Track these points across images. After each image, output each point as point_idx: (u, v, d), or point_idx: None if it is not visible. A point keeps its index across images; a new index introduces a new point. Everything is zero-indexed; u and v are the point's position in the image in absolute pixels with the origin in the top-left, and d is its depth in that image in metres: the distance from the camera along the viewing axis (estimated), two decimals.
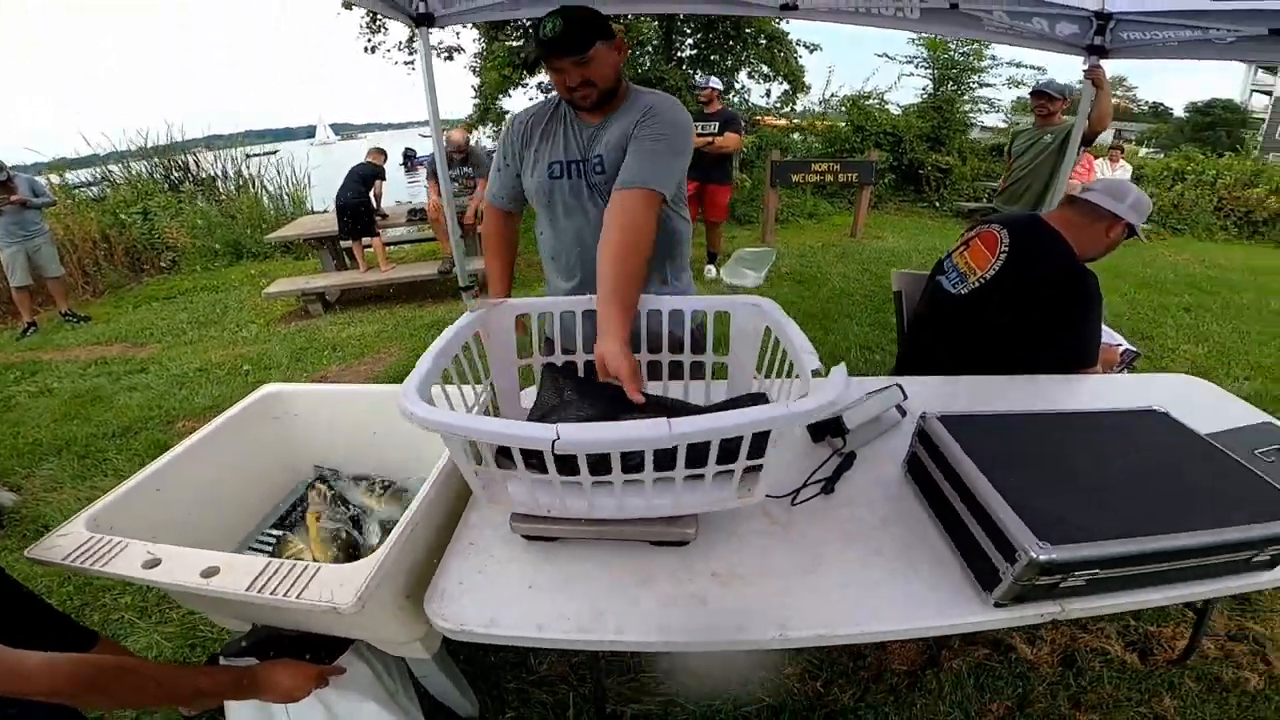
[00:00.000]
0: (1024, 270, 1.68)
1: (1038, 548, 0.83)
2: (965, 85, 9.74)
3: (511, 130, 1.51)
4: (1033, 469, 1.03)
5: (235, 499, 1.44)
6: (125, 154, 8.39)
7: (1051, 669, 1.57)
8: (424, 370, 0.95)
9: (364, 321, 4.59)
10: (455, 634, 0.90)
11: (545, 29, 1.26)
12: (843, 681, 1.55)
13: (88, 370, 3.95)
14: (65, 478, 2.67)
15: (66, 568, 0.97)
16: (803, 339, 1.03)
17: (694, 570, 0.99)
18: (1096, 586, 0.91)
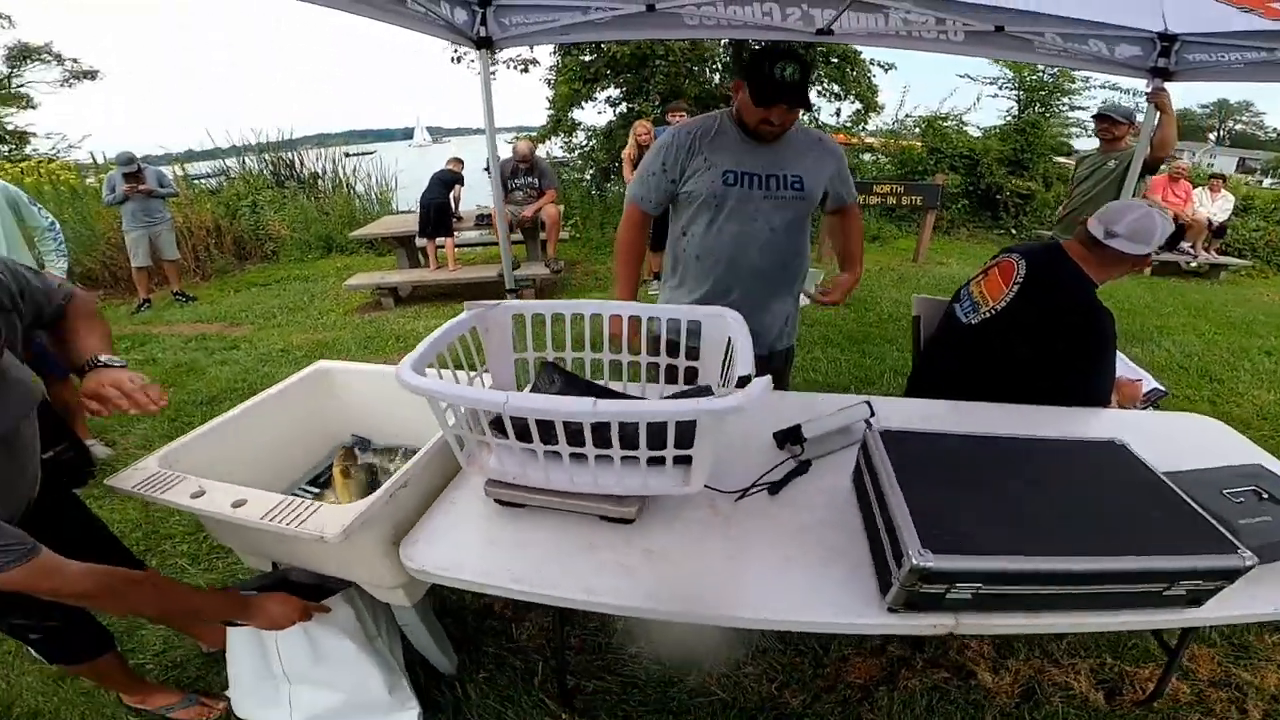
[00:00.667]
0: (1036, 303, 1.68)
1: (919, 554, 0.90)
2: (1054, 108, 9.29)
3: (676, 141, 1.69)
4: (956, 485, 1.09)
5: (281, 457, 1.67)
6: (241, 149, 9.28)
7: (1009, 699, 1.57)
8: (420, 351, 1.14)
9: (428, 316, 4.95)
10: (417, 574, 1.08)
11: (784, 72, 1.46)
12: (796, 687, 1.61)
13: (188, 345, 4.47)
14: (155, 437, 3.04)
15: (133, 494, 1.21)
16: (747, 352, 1.15)
17: (631, 545, 1.13)
18: (985, 603, 0.97)
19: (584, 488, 1.11)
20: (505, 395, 0.95)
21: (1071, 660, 1.68)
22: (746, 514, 1.22)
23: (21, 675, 1.70)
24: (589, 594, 1.02)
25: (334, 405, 1.84)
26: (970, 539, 0.95)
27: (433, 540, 1.14)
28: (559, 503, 1.17)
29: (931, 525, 0.96)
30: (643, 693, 1.59)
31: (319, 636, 1.30)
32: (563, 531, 1.16)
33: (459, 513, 1.22)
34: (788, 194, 1.68)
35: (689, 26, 2.83)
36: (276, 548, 1.38)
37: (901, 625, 0.99)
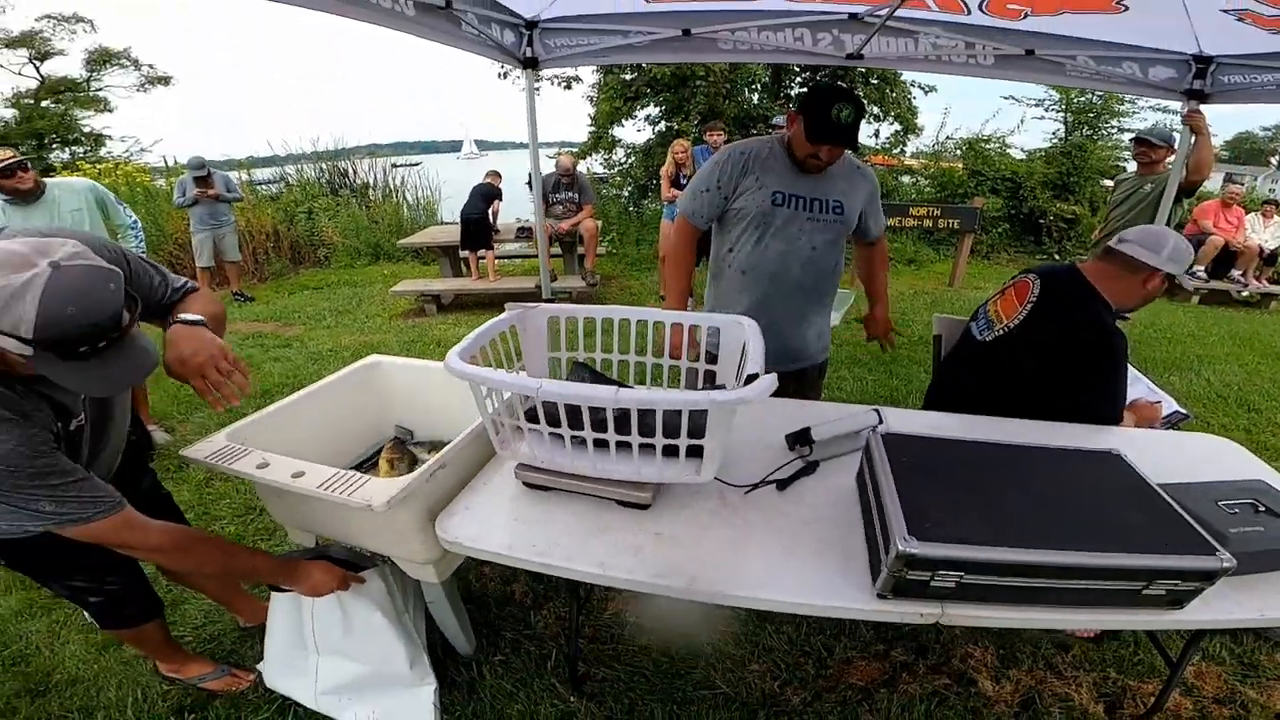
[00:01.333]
0: (1048, 322, 1.71)
1: (904, 540, 0.98)
2: (1102, 130, 9.11)
3: (730, 160, 1.83)
4: (948, 485, 1.16)
5: (331, 442, 1.82)
6: (298, 158, 9.80)
7: (1008, 708, 1.60)
8: (466, 342, 1.27)
9: (468, 324, 5.16)
10: (449, 544, 1.21)
11: (839, 114, 1.59)
12: (797, 685, 1.67)
13: (245, 341, 4.77)
14: (212, 425, 3.18)
15: (205, 464, 1.37)
16: (759, 355, 1.25)
17: (643, 528, 1.23)
18: (970, 593, 1.03)
19: (605, 473, 1.23)
20: (539, 381, 1.07)
21: (1075, 673, 1.70)
22: (753, 507, 1.31)
23: (64, 644, 1.83)
24: (601, 569, 1.12)
25: (381, 397, 2.00)
26: (955, 530, 1.02)
27: (466, 516, 1.27)
28: (581, 487, 1.28)
29: (920, 517, 1.03)
30: (649, 682, 1.67)
31: (352, 608, 1.43)
32: (582, 513, 1.27)
33: (490, 493, 1.35)
34: (829, 217, 1.83)
35: (723, 50, 2.96)
36: (324, 520, 1.52)
37: (890, 612, 1.06)
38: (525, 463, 1.30)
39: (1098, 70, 2.86)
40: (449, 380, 1.93)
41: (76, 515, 1.05)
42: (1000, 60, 2.90)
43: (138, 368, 1.01)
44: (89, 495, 1.06)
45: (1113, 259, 1.68)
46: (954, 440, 1.35)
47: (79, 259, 0.92)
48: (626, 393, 1.05)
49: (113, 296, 0.94)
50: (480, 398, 1.20)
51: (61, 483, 1.02)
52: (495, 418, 1.24)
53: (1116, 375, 1.68)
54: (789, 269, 1.85)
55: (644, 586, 1.11)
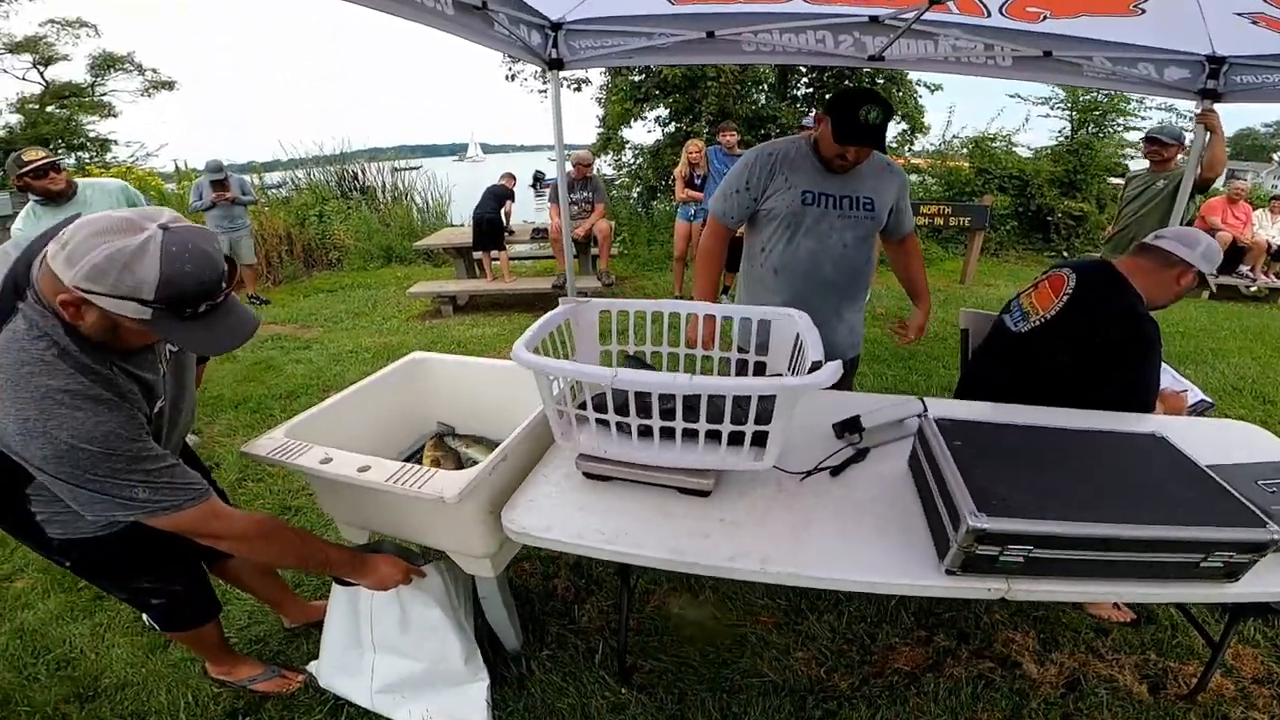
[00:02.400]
0: (1084, 312, 1.74)
1: (974, 516, 1.02)
2: (1108, 128, 9.15)
3: (759, 161, 1.87)
4: (1004, 463, 1.20)
5: (377, 436, 1.84)
6: (306, 161, 9.84)
7: (1053, 689, 1.63)
8: (530, 334, 1.31)
9: (486, 324, 5.21)
10: (518, 535, 1.23)
11: (868, 116, 1.62)
12: (844, 671, 1.70)
13: (264, 344, 4.79)
14: (239, 427, 3.31)
15: (269, 460, 1.39)
16: (817, 345, 1.28)
17: (707, 514, 1.27)
18: (1036, 567, 1.07)
19: (669, 462, 1.26)
20: (614, 370, 1.11)
21: (1116, 655, 1.73)
22: (809, 492, 1.35)
23: (111, 648, 1.81)
24: (674, 554, 1.16)
25: (424, 394, 2.04)
26: (1022, 505, 1.06)
27: (530, 507, 1.30)
28: (643, 475, 1.31)
29: (986, 495, 1.07)
30: (697, 673, 1.70)
31: (410, 605, 1.46)
32: (644, 501, 1.30)
33: (551, 484, 1.38)
34: (860, 213, 1.86)
35: (746, 52, 3.00)
36: (384, 515, 1.55)
37: (958, 587, 1.10)
38: (587, 453, 1.34)
39: (1113, 71, 2.90)
40: (490, 376, 2.02)
41: (169, 502, 1.05)
42: (1018, 61, 2.93)
43: (244, 327, 1.04)
44: (180, 482, 1.07)
45: (1148, 254, 1.73)
46: (1005, 424, 1.39)
47: (181, 221, 0.95)
48: (700, 379, 1.08)
49: (219, 254, 0.97)
50: (545, 388, 1.24)
51: (156, 468, 1.03)
52: (560, 408, 1.27)
53: (1151, 364, 1.71)
54: (821, 267, 1.89)
55: (719, 570, 1.14)
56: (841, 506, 1.30)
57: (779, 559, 1.14)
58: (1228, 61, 2.80)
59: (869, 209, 1.87)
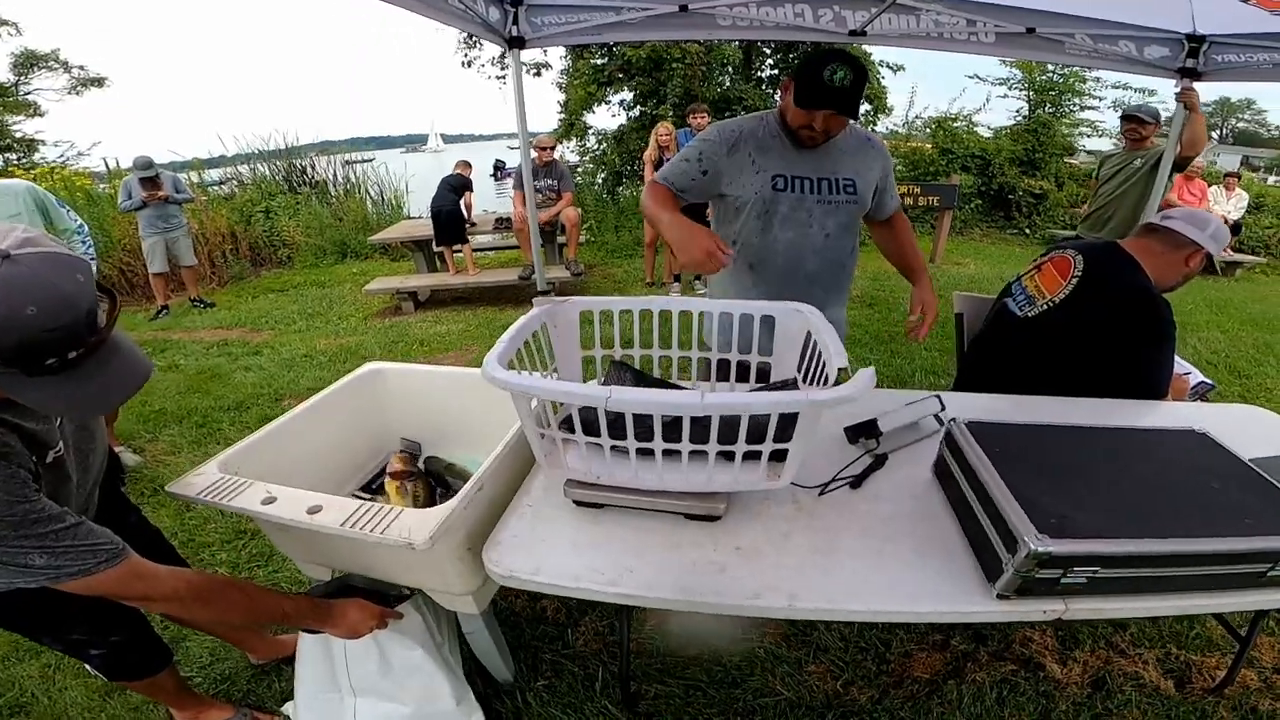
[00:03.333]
0: (1096, 296, 1.66)
1: (1036, 539, 0.89)
2: (1064, 108, 9.29)
3: (718, 137, 1.60)
4: (1048, 472, 1.08)
5: (334, 461, 1.66)
6: (251, 156, 9.30)
7: (1079, 689, 1.57)
8: (502, 347, 1.12)
9: (450, 320, 4.95)
10: (504, 579, 1.04)
11: (833, 76, 1.37)
12: (862, 683, 1.59)
13: (210, 350, 4.47)
14: (184, 443, 3.02)
15: (201, 501, 1.17)
16: (836, 343, 1.14)
17: (719, 543, 1.10)
18: (1099, 586, 0.96)
19: (674, 486, 1.09)
20: (608, 389, 0.93)
21: (1138, 650, 1.67)
22: (829, 508, 1.20)
23: (62, 690, 1.64)
24: (687, 594, 0.99)
25: (384, 409, 1.83)
26: (1082, 523, 0.94)
27: (514, 544, 1.11)
28: (642, 501, 1.15)
29: (1041, 511, 0.95)
30: (706, 695, 1.57)
31: (389, 645, 1.28)
32: (645, 531, 1.13)
33: (536, 515, 1.19)
34: (840, 197, 1.62)
35: (721, 27, 2.83)
36: (345, 555, 1.36)
37: (1012, 611, 0.97)
38: (576, 478, 1.17)
39: (1095, 48, 2.86)
40: (459, 386, 1.82)
41: (76, 567, 0.87)
42: (1001, 38, 2.86)
43: (126, 380, 0.84)
44: (86, 544, 0.88)
45: (1156, 235, 1.67)
46: (1039, 426, 1.27)
47: (32, 245, 0.74)
48: (714, 397, 0.92)
49: (82, 290, 0.77)
50: (525, 411, 1.06)
51: (50, 531, 0.85)
52: (544, 432, 1.10)
53: (1166, 347, 1.64)
54: (802, 261, 1.64)
55: (741, 610, 0.99)
56: (869, 523, 1.16)
57: (809, 592, 0.99)
58: (1208, 40, 2.79)
59: (850, 192, 1.62)
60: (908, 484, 1.28)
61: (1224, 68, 2.85)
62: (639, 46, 7.50)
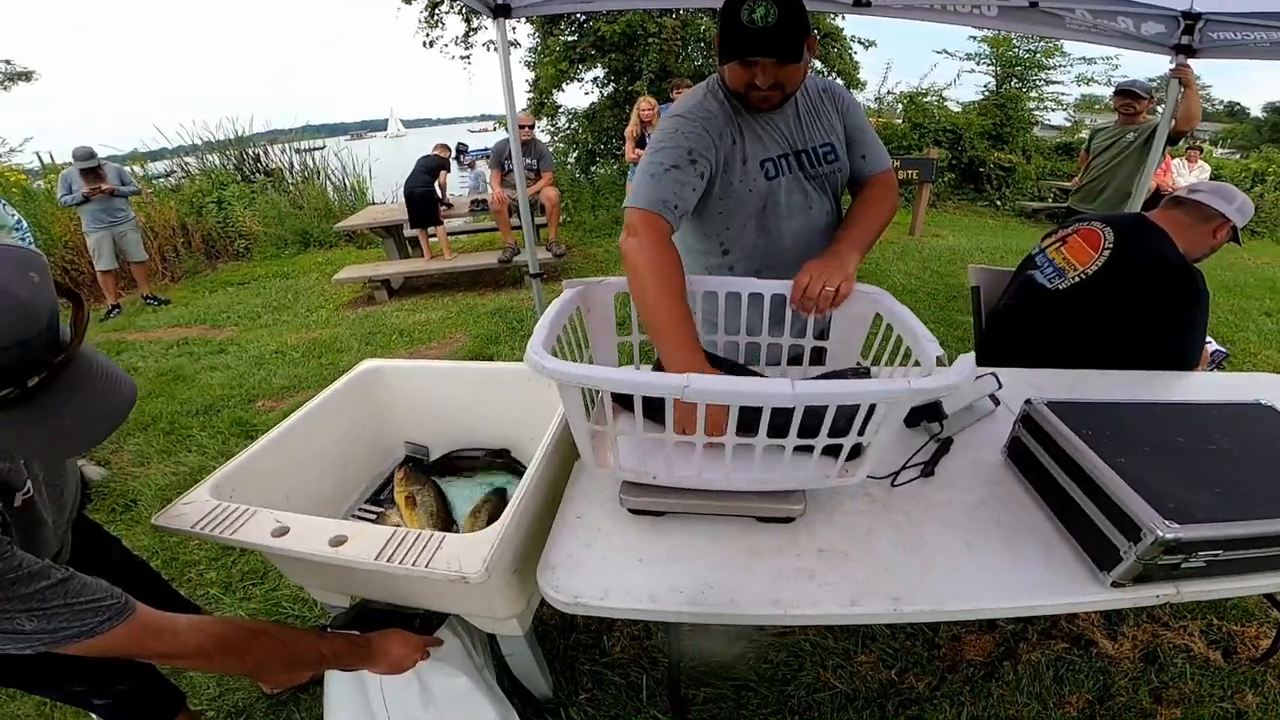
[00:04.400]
0: (1131, 267, 1.64)
1: (1164, 526, 0.83)
2: (1031, 82, 9.40)
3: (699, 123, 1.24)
4: (1142, 453, 1.01)
5: (336, 473, 1.50)
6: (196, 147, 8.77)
7: (1132, 664, 1.56)
8: (544, 333, 0.97)
9: (428, 308, 4.73)
10: (569, 607, 0.91)
11: (753, 14, 1.08)
12: (918, 671, 1.55)
13: (169, 350, 4.17)
14: (152, 453, 2.79)
15: (195, 534, 1.01)
16: (923, 328, 1.03)
17: (800, 546, 1.00)
18: (1216, 569, 0.91)
19: (745, 485, 0.98)
20: (685, 378, 0.81)
21: (1181, 623, 1.67)
22: (906, 500, 1.11)
23: None
24: (780, 607, 0.89)
25: (385, 410, 1.67)
26: (1199, 506, 0.89)
27: (573, 565, 0.98)
28: (710, 506, 1.03)
29: (1154, 495, 0.89)
30: (758, 695, 1.49)
31: (430, 675, 1.15)
32: (717, 539, 1.02)
33: (588, 528, 1.06)
34: (826, 168, 1.35)
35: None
36: (371, 584, 1.21)
37: (1125, 599, 0.91)
38: (629, 479, 1.04)
39: (1094, 24, 2.83)
40: (463, 381, 1.66)
41: (75, 629, 0.73)
42: (1004, 11, 2.82)
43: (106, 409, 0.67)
44: (82, 601, 0.73)
45: (1183, 208, 1.66)
46: (1112, 404, 1.19)
47: None
48: (804, 386, 0.80)
49: (39, 293, 0.60)
50: (576, 406, 0.93)
51: (34, 591, 0.70)
52: (596, 429, 0.97)
53: (1200, 318, 1.63)
54: (811, 249, 1.33)
55: (843, 619, 0.89)
56: (951, 515, 1.07)
57: (910, 594, 0.90)
58: (1203, 18, 2.77)
59: (832, 159, 1.35)
60: (978, 469, 1.20)
61: (1219, 45, 2.85)
62: (612, 22, 7.24)
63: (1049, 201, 8.45)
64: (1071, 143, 9.88)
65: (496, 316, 4.38)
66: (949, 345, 3.51)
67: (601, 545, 1.02)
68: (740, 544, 1.01)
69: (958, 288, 4.61)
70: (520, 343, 3.79)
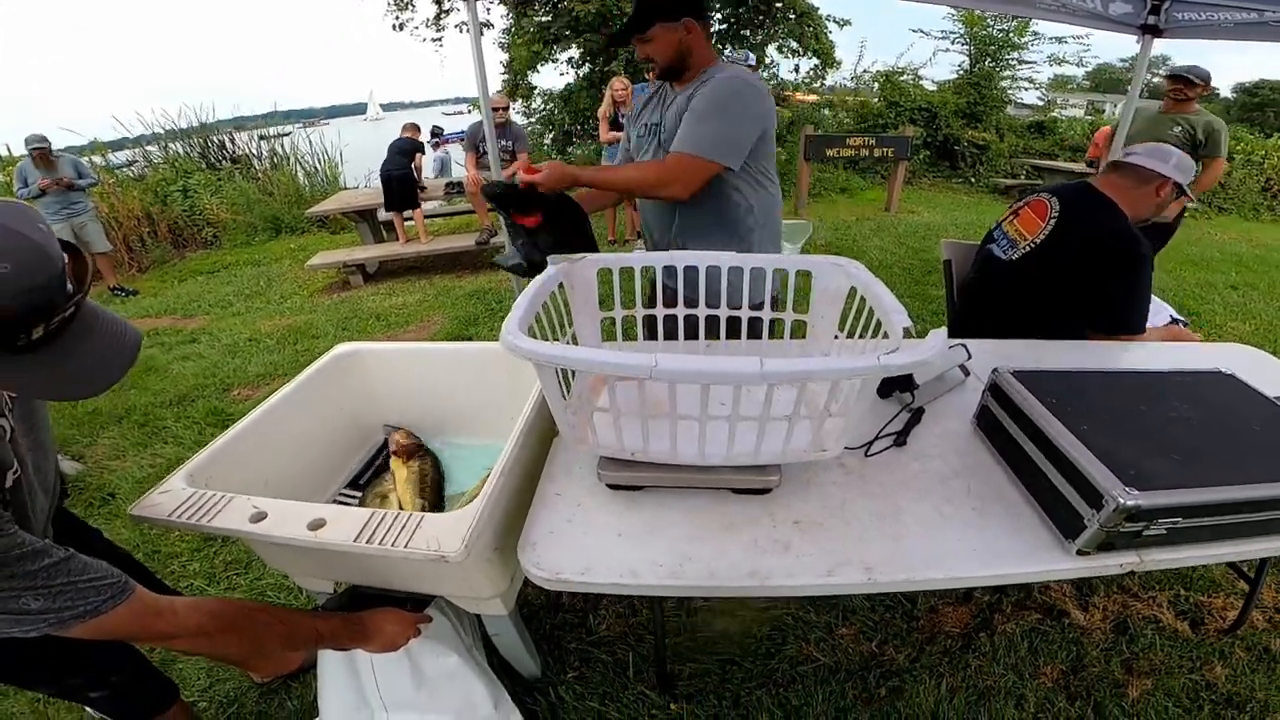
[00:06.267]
0: (1073, 234, 1.69)
1: (1125, 493, 0.85)
2: (1004, 62, 9.47)
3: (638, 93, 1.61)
4: (1106, 422, 1.04)
5: (313, 458, 1.48)
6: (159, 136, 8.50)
7: (1104, 635, 1.59)
8: (521, 312, 0.96)
9: (404, 292, 4.67)
10: (551, 583, 0.92)
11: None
12: (897, 643, 1.58)
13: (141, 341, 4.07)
14: (127, 445, 2.74)
15: (172, 524, 1.00)
16: (892, 299, 1.03)
17: (776, 518, 1.02)
18: (1177, 536, 0.93)
19: (714, 460, 0.99)
20: (652, 358, 0.81)
21: (1149, 594, 1.70)
22: (878, 470, 1.13)
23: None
24: (759, 579, 0.90)
25: (362, 393, 1.65)
26: (1160, 473, 0.91)
27: (553, 541, 0.99)
28: (684, 479, 1.04)
29: (1115, 463, 0.91)
30: (743, 668, 1.52)
31: (420, 655, 1.15)
32: (695, 511, 1.04)
33: (568, 504, 1.07)
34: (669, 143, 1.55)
35: None
36: (353, 568, 1.20)
37: (1090, 567, 0.93)
38: (608, 454, 1.05)
39: (1063, 3, 2.84)
40: (441, 362, 1.64)
41: (81, 608, 0.73)
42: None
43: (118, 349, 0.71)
44: (85, 579, 0.73)
45: (1122, 172, 1.71)
46: (1077, 372, 1.22)
47: None
48: (774, 364, 0.80)
49: (50, 240, 0.63)
50: (552, 384, 0.93)
51: (40, 569, 0.70)
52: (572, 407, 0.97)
53: (1141, 282, 1.67)
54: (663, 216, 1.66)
55: (820, 590, 0.91)
56: (924, 484, 1.09)
57: (885, 564, 0.92)
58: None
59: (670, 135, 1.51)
60: (949, 438, 1.23)
61: (1185, 25, 2.88)
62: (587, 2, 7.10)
63: (1021, 178, 8.55)
64: (1044, 121, 10.00)
65: (475, 298, 4.34)
66: (924, 319, 3.57)
67: (581, 521, 1.03)
68: (718, 517, 1.02)
69: (932, 262, 4.66)
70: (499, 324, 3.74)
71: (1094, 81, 32.06)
